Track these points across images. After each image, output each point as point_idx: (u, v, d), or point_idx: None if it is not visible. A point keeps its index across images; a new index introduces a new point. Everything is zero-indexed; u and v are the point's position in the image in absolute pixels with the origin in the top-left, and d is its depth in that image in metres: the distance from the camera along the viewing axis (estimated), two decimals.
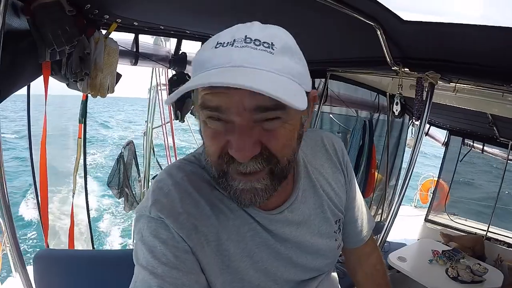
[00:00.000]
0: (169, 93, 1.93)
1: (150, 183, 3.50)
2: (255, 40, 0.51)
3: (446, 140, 3.84)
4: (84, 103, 1.84)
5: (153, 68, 3.57)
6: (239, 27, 0.53)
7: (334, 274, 0.84)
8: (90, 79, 1.38)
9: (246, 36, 0.51)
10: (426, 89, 1.66)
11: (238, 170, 0.54)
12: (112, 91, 1.47)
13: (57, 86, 1.49)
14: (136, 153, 2.97)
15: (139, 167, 3.10)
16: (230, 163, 0.54)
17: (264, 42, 0.51)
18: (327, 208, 0.76)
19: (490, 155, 3.71)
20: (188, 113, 2.01)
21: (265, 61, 0.50)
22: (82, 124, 1.90)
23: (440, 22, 1.17)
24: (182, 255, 0.57)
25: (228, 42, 0.51)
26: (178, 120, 2.03)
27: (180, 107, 1.93)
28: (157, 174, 4.14)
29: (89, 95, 1.51)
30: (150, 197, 0.62)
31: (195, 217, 0.60)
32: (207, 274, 0.60)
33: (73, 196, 1.97)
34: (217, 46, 0.51)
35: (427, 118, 1.70)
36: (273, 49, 0.51)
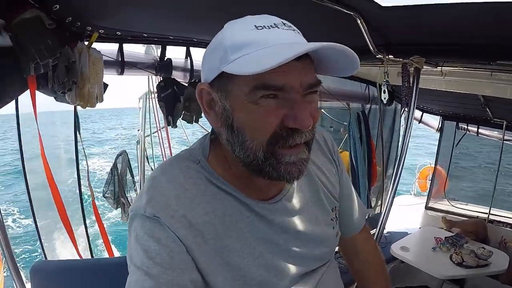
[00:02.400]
0: (159, 99, 1.92)
1: None
2: (289, 25, 0.57)
3: (440, 125, 3.84)
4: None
5: (149, 76, 3.53)
6: (261, 17, 0.57)
7: (336, 267, 0.83)
8: (78, 89, 1.37)
9: (281, 22, 0.56)
10: (413, 75, 1.67)
11: (290, 144, 0.55)
12: (101, 100, 1.46)
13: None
14: (130, 161, 2.95)
15: (134, 176, 3.07)
16: (288, 136, 0.55)
17: (294, 29, 0.57)
18: (323, 195, 0.77)
19: (486, 137, 3.70)
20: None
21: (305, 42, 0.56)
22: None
23: (419, 5, 1.17)
24: (176, 255, 0.56)
25: (270, 26, 0.54)
26: (170, 126, 1.99)
27: (171, 112, 1.89)
28: None
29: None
30: (144, 194, 0.61)
31: (191, 214, 0.59)
32: (205, 273, 0.59)
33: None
34: (259, 28, 0.54)
35: (415, 103, 1.70)
36: (299, 33, 0.57)
